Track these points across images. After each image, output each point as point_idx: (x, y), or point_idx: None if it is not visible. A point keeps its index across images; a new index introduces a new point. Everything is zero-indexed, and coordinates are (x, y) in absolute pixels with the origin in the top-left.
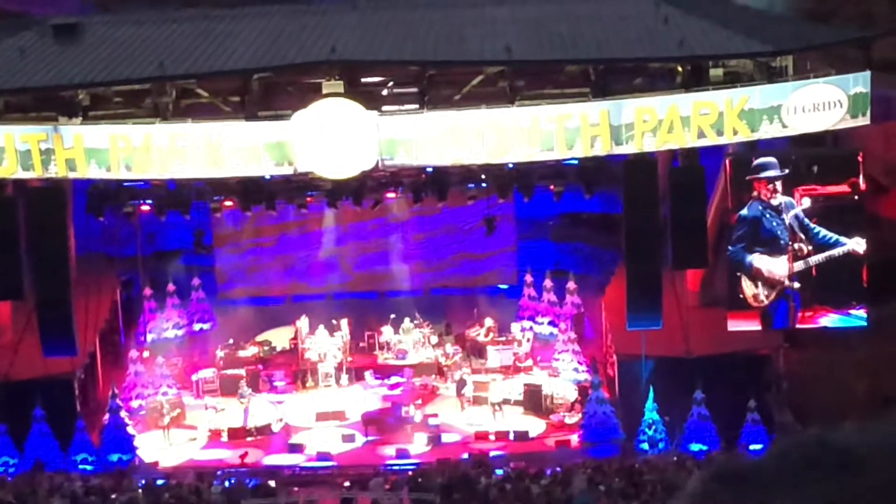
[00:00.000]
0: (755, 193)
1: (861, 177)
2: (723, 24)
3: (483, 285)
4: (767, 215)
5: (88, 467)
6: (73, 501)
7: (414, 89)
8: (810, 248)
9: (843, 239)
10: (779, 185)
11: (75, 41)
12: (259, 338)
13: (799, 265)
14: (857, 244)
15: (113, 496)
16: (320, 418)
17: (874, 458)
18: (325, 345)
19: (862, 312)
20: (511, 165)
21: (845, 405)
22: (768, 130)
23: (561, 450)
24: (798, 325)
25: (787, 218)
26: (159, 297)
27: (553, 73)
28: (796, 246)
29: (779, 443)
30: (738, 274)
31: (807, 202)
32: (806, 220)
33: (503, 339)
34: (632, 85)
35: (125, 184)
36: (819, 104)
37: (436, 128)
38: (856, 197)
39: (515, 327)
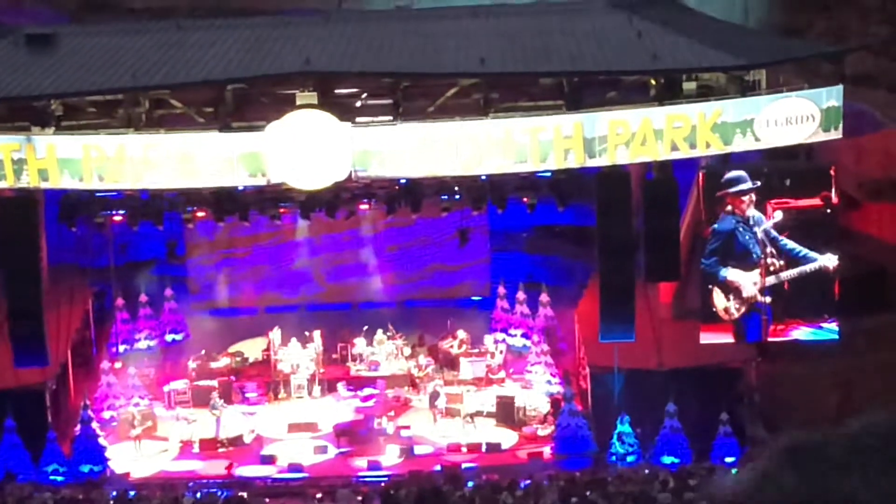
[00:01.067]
0: (728, 207)
1: (833, 190)
2: (696, 38)
3: (456, 297)
4: (740, 229)
5: (59, 478)
6: None
7: (388, 101)
8: (782, 263)
9: (813, 254)
10: (752, 197)
11: (49, 51)
12: (232, 349)
13: (771, 280)
14: (829, 260)
15: None
16: (292, 430)
17: None
18: (298, 356)
19: (833, 325)
20: (485, 177)
21: (817, 418)
22: (741, 144)
23: (533, 462)
24: (770, 339)
25: (759, 232)
26: (131, 307)
27: (527, 85)
28: (768, 261)
29: (847, 426)
30: (711, 287)
31: (779, 215)
32: (775, 235)
33: (476, 351)
34: (605, 98)
35: (98, 194)
36: (792, 118)
37: (409, 139)
38: (828, 210)
39: (488, 339)
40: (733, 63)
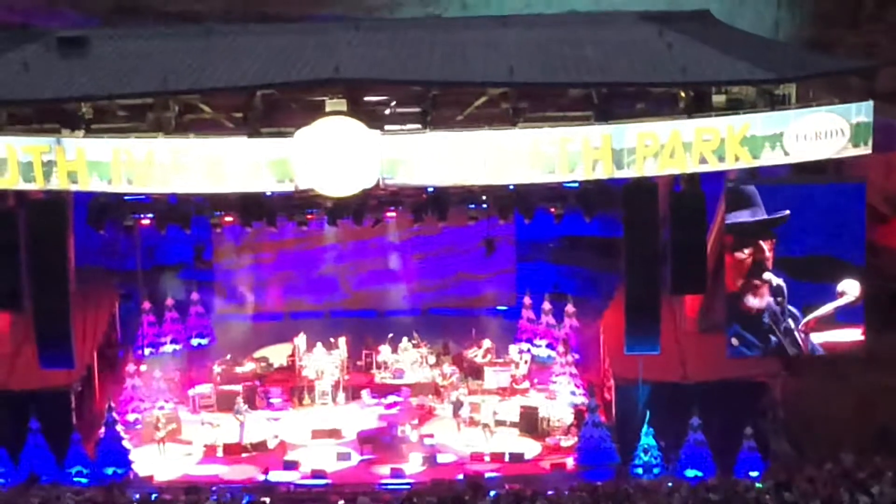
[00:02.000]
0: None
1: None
2: (726, 51)
3: (482, 306)
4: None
5: (83, 480)
6: None
7: (416, 109)
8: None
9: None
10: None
11: (79, 54)
12: (257, 354)
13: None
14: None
15: None
16: (316, 436)
17: None
18: (323, 362)
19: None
20: (512, 187)
21: (841, 435)
22: (770, 157)
23: (556, 472)
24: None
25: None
26: (158, 311)
27: (556, 95)
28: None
29: None
30: None
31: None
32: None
33: (501, 360)
34: (634, 109)
35: (126, 197)
36: (821, 132)
37: (437, 148)
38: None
39: (513, 349)
40: (763, 77)
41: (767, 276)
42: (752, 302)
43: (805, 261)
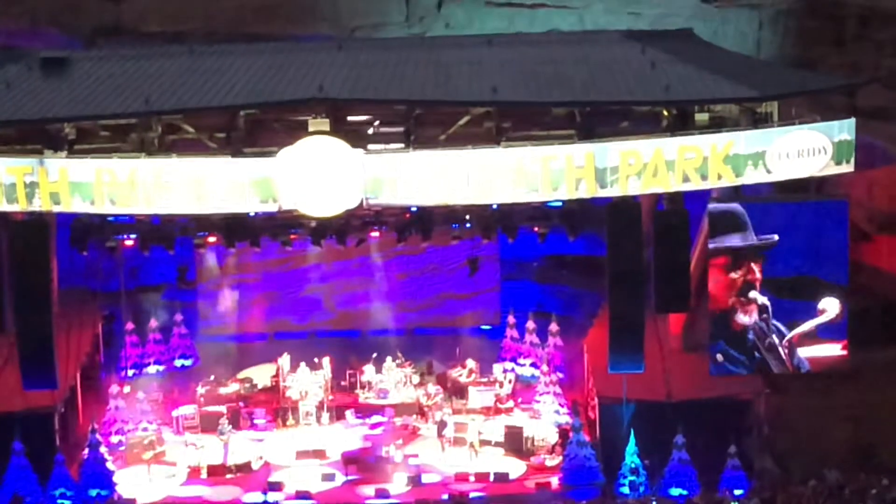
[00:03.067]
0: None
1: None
2: (709, 70)
3: (466, 326)
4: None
5: (67, 502)
6: None
7: (400, 129)
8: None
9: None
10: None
11: (62, 75)
12: (240, 375)
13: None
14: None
15: None
16: (300, 456)
17: None
18: (307, 383)
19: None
20: (496, 206)
21: (826, 452)
22: (753, 175)
23: (541, 492)
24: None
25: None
26: (141, 332)
27: (539, 114)
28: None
29: None
30: None
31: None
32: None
33: (485, 380)
34: (617, 128)
35: (109, 218)
36: (804, 150)
37: (421, 167)
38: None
39: (497, 368)
40: (746, 95)
41: (754, 294)
42: (742, 319)
43: (789, 280)
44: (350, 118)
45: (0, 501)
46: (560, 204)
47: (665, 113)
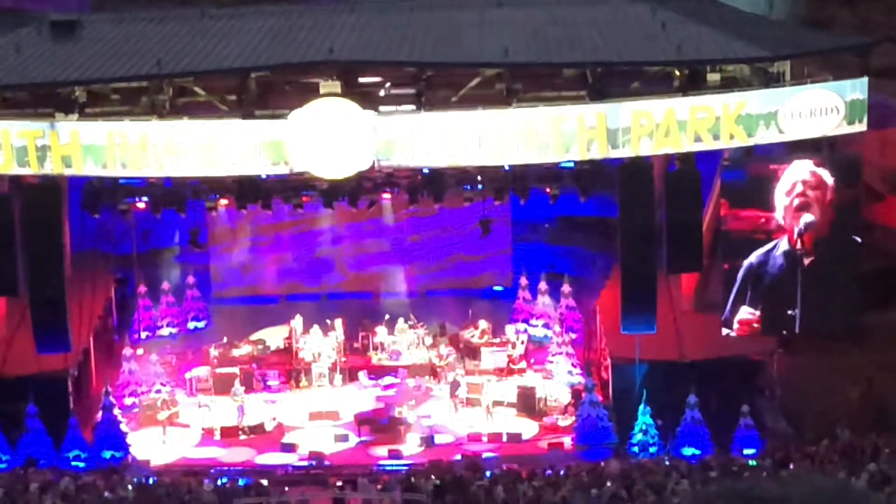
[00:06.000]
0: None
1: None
2: (720, 30)
3: (478, 287)
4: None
5: (81, 464)
6: (65, 499)
7: (411, 90)
8: None
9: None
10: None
11: (73, 38)
12: (253, 337)
13: None
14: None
15: (105, 494)
16: (313, 418)
17: None
18: (320, 345)
19: None
20: (507, 168)
21: (838, 412)
22: (765, 136)
23: (554, 452)
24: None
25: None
26: (154, 294)
27: (550, 75)
28: None
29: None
30: None
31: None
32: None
33: (497, 340)
34: (629, 88)
35: (121, 181)
36: (816, 110)
37: (432, 129)
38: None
39: (510, 329)
40: (758, 55)
41: None
42: None
43: None
44: (361, 80)
45: (14, 464)
46: (572, 165)
47: (676, 73)
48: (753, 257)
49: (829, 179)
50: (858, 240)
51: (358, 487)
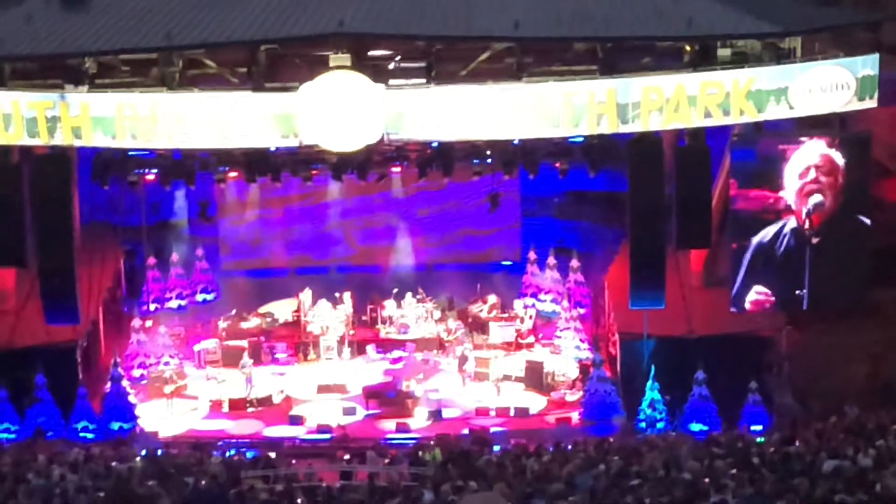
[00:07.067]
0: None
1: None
2: (731, 5)
3: (486, 261)
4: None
5: (89, 435)
6: (73, 469)
7: (421, 64)
8: None
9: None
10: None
11: (83, 9)
12: (262, 309)
13: None
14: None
15: (113, 464)
16: (321, 391)
17: None
18: (328, 318)
19: None
20: (517, 142)
21: (846, 388)
22: (775, 111)
23: (561, 427)
24: None
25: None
26: (163, 266)
27: (560, 50)
28: None
29: None
30: None
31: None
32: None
33: (506, 315)
34: (639, 63)
35: (130, 153)
36: (826, 86)
37: (442, 103)
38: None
39: (518, 304)
40: (769, 30)
41: None
42: None
43: None
44: (371, 53)
45: (23, 434)
46: (581, 139)
47: (687, 48)
48: (762, 236)
49: (840, 161)
50: (867, 221)
51: (366, 460)
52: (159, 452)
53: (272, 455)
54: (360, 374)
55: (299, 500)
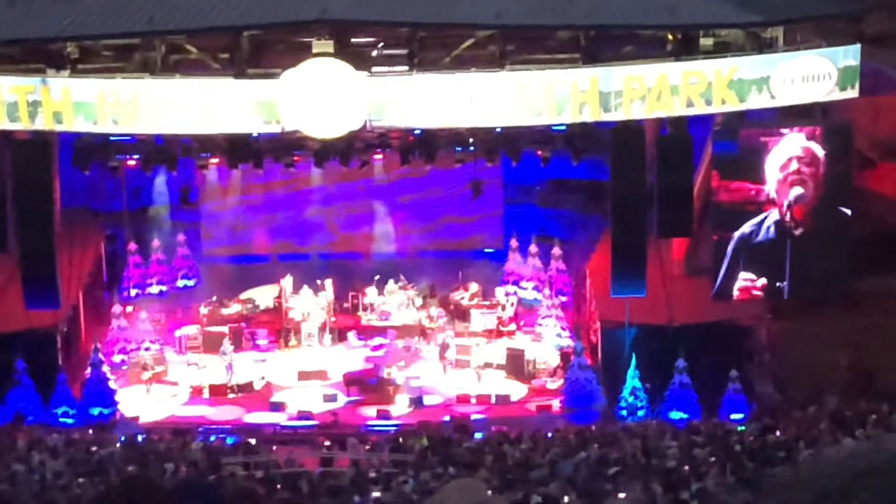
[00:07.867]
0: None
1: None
2: None
3: (468, 249)
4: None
5: (69, 420)
6: (53, 454)
7: (404, 51)
8: None
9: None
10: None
11: None
12: (243, 296)
13: None
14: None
15: (93, 450)
16: (302, 377)
17: None
18: (309, 304)
19: None
20: (499, 129)
21: (827, 377)
22: (757, 101)
23: (542, 415)
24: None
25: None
26: (144, 252)
27: (543, 38)
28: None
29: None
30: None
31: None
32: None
33: (487, 303)
34: (622, 52)
35: (112, 138)
36: (808, 76)
37: (424, 90)
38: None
39: (500, 291)
40: (751, 19)
41: None
42: None
43: None
44: (354, 40)
45: (3, 419)
46: (564, 128)
47: (670, 37)
48: (745, 228)
49: (821, 153)
50: (848, 212)
51: (347, 447)
52: (139, 438)
53: (252, 441)
54: (342, 360)
55: (279, 487)
